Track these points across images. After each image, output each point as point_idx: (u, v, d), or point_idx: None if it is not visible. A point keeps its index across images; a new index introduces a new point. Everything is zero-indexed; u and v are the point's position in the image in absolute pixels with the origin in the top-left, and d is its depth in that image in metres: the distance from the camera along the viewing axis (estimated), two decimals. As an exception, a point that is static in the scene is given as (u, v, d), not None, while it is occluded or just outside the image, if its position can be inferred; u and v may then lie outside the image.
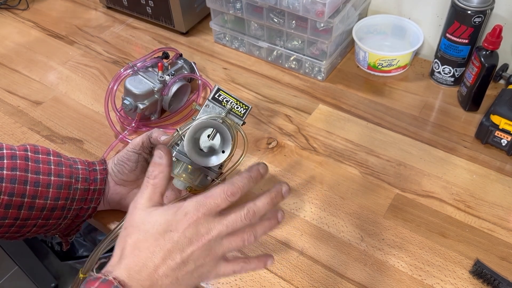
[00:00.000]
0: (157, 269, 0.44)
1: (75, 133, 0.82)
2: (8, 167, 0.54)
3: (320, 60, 0.88)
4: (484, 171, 0.72)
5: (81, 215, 0.62)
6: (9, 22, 1.11)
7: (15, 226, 0.56)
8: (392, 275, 0.60)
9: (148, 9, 1.04)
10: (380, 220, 0.66)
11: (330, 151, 0.76)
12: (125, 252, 0.45)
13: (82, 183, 0.60)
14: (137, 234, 0.45)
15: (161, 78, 0.79)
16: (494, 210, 0.67)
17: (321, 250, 0.63)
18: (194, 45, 1.01)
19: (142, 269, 0.43)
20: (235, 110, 0.59)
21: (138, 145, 0.60)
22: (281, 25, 0.88)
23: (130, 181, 0.63)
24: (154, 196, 0.48)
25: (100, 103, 0.87)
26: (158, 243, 0.44)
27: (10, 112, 0.86)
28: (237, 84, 0.91)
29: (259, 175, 0.49)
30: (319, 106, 0.85)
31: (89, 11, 1.14)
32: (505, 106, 0.73)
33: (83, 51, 1.01)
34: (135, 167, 0.61)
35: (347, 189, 0.71)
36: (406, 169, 0.73)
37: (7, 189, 0.53)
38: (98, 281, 0.41)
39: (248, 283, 0.60)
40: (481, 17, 0.75)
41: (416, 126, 0.80)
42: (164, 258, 0.44)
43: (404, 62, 0.89)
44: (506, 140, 0.73)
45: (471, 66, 0.77)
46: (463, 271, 0.60)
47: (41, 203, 0.56)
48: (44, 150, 0.59)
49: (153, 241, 0.44)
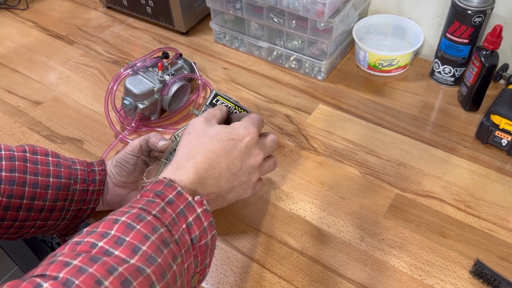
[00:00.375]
0: (221, 172, 0.49)
1: (75, 133, 0.81)
2: (6, 168, 0.54)
3: (320, 60, 0.88)
4: (484, 171, 0.72)
5: (79, 215, 0.62)
6: (9, 22, 1.11)
7: (13, 227, 0.55)
8: (392, 275, 0.60)
9: (148, 9, 1.04)
10: (380, 220, 0.66)
11: (330, 151, 0.76)
12: (192, 152, 0.49)
13: (80, 184, 0.59)
14: (204, 137, 0.50)
15: (161, 78, 0.79)
16: (494, 210, 0.67)
17: (321, 250, 0.63)
18: (194, 45, 1.01)
19: (208, 173, 0.48)
20: None
21: (136, 148, 0.60)
22: (281, 25, 0.88)
23: (129, 183, 0.63)
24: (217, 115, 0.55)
25: (100, 103, 0.87)
26: (223, 147, 0.49)
27: (10, 112, 0.86)
28: (237, 84, 0.91)
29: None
30: (319, 106, 0.85)
31: (89, 11, 1.14)
32: (505, 106, 0.73)
33: (83, 51, 1.01)
34: (133, 169, 0.61)
35: (347, 189, 0.70)
36: (406, 169, 0.73)
37: (5, 191, 0.53)
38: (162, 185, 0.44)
39: (248, 283, 0.60)
40: (481, 17, 0.75)
41: (416, 126, 0.80)
42: (228, 163, 0.49)
43: (404, 62, 0.89)
44: (506, 140, 0.73)
45: (471, 66, 0.77)
46: (463, 271, 0.60)
47: (39, 205, 0.56)
48: (43, 151, 0.59)
49: (219, 145, 0.49)
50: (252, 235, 0.65)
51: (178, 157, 0.49)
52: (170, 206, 0.42)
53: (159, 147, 0.59)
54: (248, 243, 0.64)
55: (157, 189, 0.43)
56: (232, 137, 0.51)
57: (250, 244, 0.64)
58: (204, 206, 0.44)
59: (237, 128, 0.52)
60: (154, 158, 0.65)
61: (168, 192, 0.43)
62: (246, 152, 0.51)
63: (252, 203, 0.69)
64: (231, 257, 0.63)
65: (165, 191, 0.43)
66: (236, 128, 0.52)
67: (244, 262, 0.62)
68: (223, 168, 0.49)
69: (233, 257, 0.63)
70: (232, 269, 0.61)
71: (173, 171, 0.47)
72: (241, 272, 0.61)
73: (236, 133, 0.52)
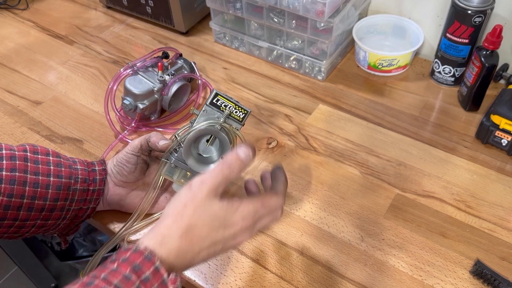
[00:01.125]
0: (199, 253, 0.47)
1: (75, 133, 0.81)
2: (7, 168, 0.54)
3: (320, 60, 0.88)
4: (484, 171, 0.72)
5: (80, 215, 0.62)
6: (9, 22, 1.11)
7: (14, 226, 0.55)
8: (392, 275, 0.60)
9: (148, 9, 1.04)
10: (380, 220, 0.66)
11: (330, 151, 0.76)
12: (181, 227, 0.46)
13: (81, 183, 0.59)
14: (196, 218, 0.47)
15: (161, 78, 0.79)
16: (494, 210, 0.67)
17: (321, 250, 0.63)
18: (194, 45, 1.01)
19: (187, 252, 0.46)
20: (234, 115, 0.58)
21: (137, 147, 0.60)
22: (281, 25, 0.88)
23: (129, 182, 0.63)
24: (220, 188, 0.49)
25: (100, 103, 0.87)
26: (210, 234, 0.47)
27: (9, 112, 0.86)
28: (237, 84, 0.91)
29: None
30: (319, 106, 0.85)
31: (89, 11, 1.14)
32: (505, 106, 0.73)
33: (83, 51, 1.01)
34: (134, 169, 0.61)
35: (347, 189, 0.70)
36: (406, 169, 0.73)
37: (6, 190, 0.53)
38: (141, 257, 0.43)
39: (248, 283, 0.60)
40: (481, 17, 0.75)
41: (416, 126, 0.80)
42: (208, 246, 0.48)
43: (404, 62, 0.89)
44: (507, 140, 0.73)
45: (471, 66, 0.77)
46: (463, 271, 0.60)
47: (40, 204, 0.56)
48: (44, 151, 0.59)
49: (207, 231, 0.47)
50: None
51: (164, 227, 0.47)
52: (145, 285, 0.42)
53: (160, 147, 0.59)
54: (248, 243, 0.64)
55: (136, 262, 0.42)
56: (225, 224, 0.48)
57: (250, 244, 0.64)
58: (176, 284, 0.44)
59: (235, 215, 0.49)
60: (154, 158, 0.65)
61: (146, 267, 0.42)
62: (232, 238, 0.49)
63: (252, 203, 0.69)
64: (231, 257, 0.63)
65: (143, 266, 0.42)
66: (234, 215, 0.48)
67: (244, 262, 0.62)
68: (202, 250, 0.47)
69: (233, 257, 0.63)
70: (232, 269, 0.61)
71: (157, 241, 0.45)
72: (241, 272, 0.61)
73: (232, 222, 0.48)
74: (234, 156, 0.49)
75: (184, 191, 0.48)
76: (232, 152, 0.50)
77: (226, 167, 0.49)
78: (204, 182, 0.48)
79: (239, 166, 0.50)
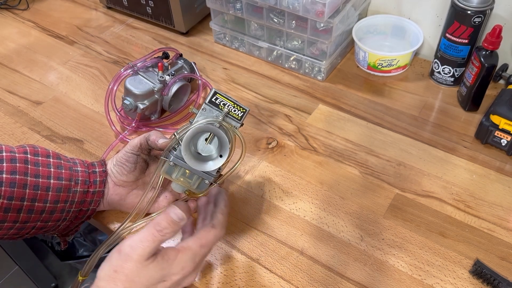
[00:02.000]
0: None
1: (75, 133, 0.82)
2: (7, 170, 0.54)
3: (320, 60, 0.88)
4: (484, 171, 0.73)
5: (80, 216, 0.62)
6: (9, 22, 1.11)
7: (14, 228, 0.55)
8: (392, 275, 0.60)
9: (148, 9, 1.04)
10: (380, 220, 0.66)
11: (330, 151, 0.77)
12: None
13: (81, 185, 0.59)
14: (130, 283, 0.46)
15: (161, 78, 0.79)
16: (494, 210, 0.67)
17: (321, 250, 0.63)
18: (194, 45, 1.01)
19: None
20: (233, 113, 0.58)
21: (136, 146, 0.60)
22: (281, 25, 0.88)
23: (129, 182, 0.63)
24: (152, 251, 0.48)
25: (100, 103, 0.87)
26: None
27: (10, 112, 0.86)
28: (237, 84, 0.91)
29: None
30: (319, 106, 0.85)
31: (89, 11, 1.14)
32: (505, 106, 0.73)
33: (83, 51, 1.01)
34: (134, 168, 0.61)
35: (347, 189, 0.71)
36: (406, 169, 0.73)
37: (6, 193, 0.53)
38: None
39: (248, 283, 0.60)
40: (481, 17, 0.75)
41: (416, 126, 0.80)
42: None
43: (404, 62, 0.89)
44: (506, 140, 0.73)
45: (471, 66, 0.77)
46: (463, 271, 0.60)
47: (40, 206, 0.56)
48: (44, 152, 0.59)
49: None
50: (252, 234, 0.65)
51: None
52: None
53: (159, 145, 0.59)
54: (248, 243, 0.64)
55: None
56: (164, 278, 0.48)
57: (250, 244, 0.64)
58: None
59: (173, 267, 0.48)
60: (154, 157, 0.65)
61: None
62: (176, 285, 0.50)
63: (252, 203, 0.69)
64: (231, 257, 0.63)
65: None
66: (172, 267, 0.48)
67: (244, 262, 0.62)
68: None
69: (233, 257, 0.63)
70: (232, 269, 0.61)
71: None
72: (241, 272, 0.61)
73: (171, 274, 0.48)
74: (165, 218, 0.48)
75: (114, 255, 0.47)
76: (164, 213, 0.49)
77: (158, 231, 0.48)
78: (134, 248, 0.47)
79: (171, 228, 0.49)
